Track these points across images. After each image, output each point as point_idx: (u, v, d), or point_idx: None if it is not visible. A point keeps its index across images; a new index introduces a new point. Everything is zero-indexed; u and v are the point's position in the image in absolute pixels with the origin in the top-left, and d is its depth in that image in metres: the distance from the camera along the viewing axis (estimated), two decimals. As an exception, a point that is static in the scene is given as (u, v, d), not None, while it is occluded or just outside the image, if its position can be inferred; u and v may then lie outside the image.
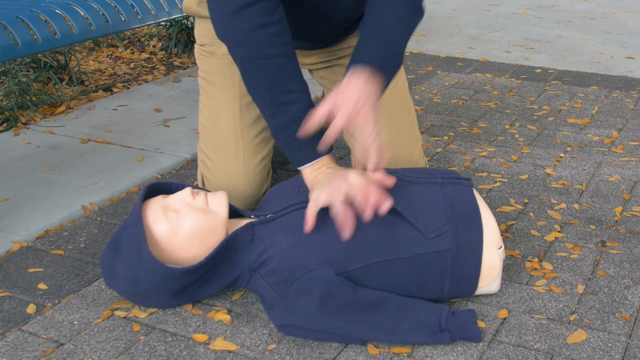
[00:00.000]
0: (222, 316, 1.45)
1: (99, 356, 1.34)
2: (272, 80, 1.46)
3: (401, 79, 1.88)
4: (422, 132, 2.44)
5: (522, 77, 3.09)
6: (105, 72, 3.23)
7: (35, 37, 1.84)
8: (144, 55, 3.51)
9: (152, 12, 2.16)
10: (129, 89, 2.98)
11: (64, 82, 2.98)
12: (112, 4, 2.06)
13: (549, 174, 2.11)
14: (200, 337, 1.39)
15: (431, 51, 3.55)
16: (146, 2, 2.15)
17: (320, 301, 1.33)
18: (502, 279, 1.57)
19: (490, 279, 1.46)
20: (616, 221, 1.83)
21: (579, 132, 2.44)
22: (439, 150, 2.29)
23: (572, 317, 1.45)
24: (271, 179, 1.87)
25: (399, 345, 1.36)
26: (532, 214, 1.86)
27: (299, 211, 1.45)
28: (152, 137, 2.41)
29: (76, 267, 1.64)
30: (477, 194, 1.52)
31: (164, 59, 3.45)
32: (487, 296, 1.51)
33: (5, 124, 2.51)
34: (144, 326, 1.43)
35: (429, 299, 1.44)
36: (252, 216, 1.51)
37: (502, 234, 1.76)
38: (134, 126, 2.51)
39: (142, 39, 3.74)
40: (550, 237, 1.75)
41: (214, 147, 1.78)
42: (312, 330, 1.34)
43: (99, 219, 1.87)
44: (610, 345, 1.36)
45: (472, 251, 1.42)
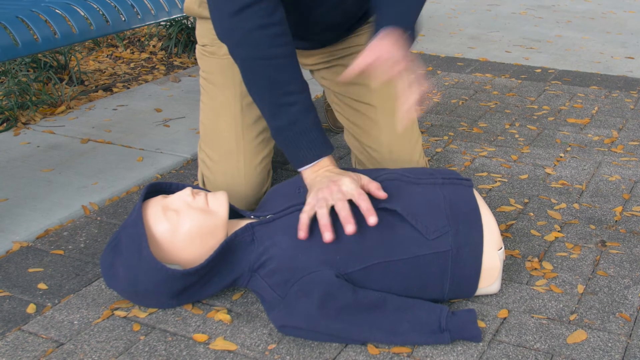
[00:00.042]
0: (222, 316, 1.45)
1: (99, 356, 1.34)
2: (273, 81, 1.46)
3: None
4: (422, 132, 2.43)
5: (522, 77, 3.09)
6: (105, 72, 3.23)
7: (35, 37, 1.84)
8: (144, 55, 3.51)
9: (152, 12, 2.16)
10: (129, 88, 2.98)
11: (64, 82, 2.98)
12: (112, 4, 2.06)
13: (549, 174, 2.11)
14: (200, 337, 1.39)
15: (431, 51, 3.55)
16: (146, 2, 2.15)
17: (320, 303, 1.33)
18: (502, 279, 1.57)
19: (490, 279, 1.46)
20: (616, 221, 1.83)
21: (579, 132, 2.44)
22: (439, 150, 2.29)
23: (572, 317, 1.45)
24: (271, 179, 1.87)
25: (399, 345, 1.36)
26: (532, 214, 1.86)
27: (298, 212, 1.45)
28: (152, 137, 2.41)
29: (76, 267, 1.64)
30: (477, 194, 1.52)
31: (164, 58, 3.45)
32: (487, 296, 1.51)
33: (5, 124, 2.51)
34: (144, 326, 1.43)
35: (429, 300, 1.44)
36: (252, 217, 1.51)
37: (502, 234, 1.76)
38: (134, 126, 2.51)
39: (142, 39, 3.74)
40: (550, 237, 1.75)
41: (214, 146, 1.78)
42: (313, 331, 1.34)
43: (99, 219, 1.87)
44: (610, 345, 1.36)
45: (473, 252, 1.42)
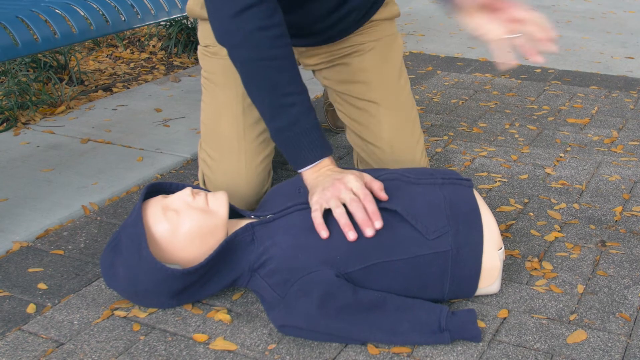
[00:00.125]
0: (222, 316, 1.45)
1: (99, 356, 1.34)
2: (273, 82, 1.46)
3: (403, 76, 1.87)
4: (422, 132, 2.43)
5: (522, 77, 3.09)
6: (105, 72, 3.23)
7: (35, 37, 1.84)
8: (144, 55, 3.51)
9: (152, 12, 2.16)
10: (128, 88, 2.98)
11: (64, 82, 2.98)
12: (112, 4, 2.06)
13: (549, 174, 2.11)
14: (200, 337, 1.39)
15: (431, 51, 3.55)
16: (146, 2, 2.15)
17: (320, 303, 1.33)
18: (502, 279, 1.57)
19: (490, 279, 1.46)
20: (616, 221, 1.83)
21: (578, 132, 2.44)
22: (439, 150, 2.29)
23: (572, 317, 1.45)
24: (271, 179, 1.87)
25: (399, 345, 1.36)
26: (532, 214, 1.86)
27: (299, 212, 1.45)
28: (152, 137, 2.41)
29: (76, 267, 1.64)
30: (477, 194, 1.52)
31: (164, 58, 3.45)
32: (487, 296, 1.51)
33: (5, 124, 2.51)
34: (144, 326, 1.43)
35: (429, 300, 1.44)
36: (252, 216, 1.51)
37: (502, 234, 1.76)
38: (134, 126, 2.51)
39: (142, 39, 3.74)
40: (550, 237, 1.75)
41: (215, 146, 1.78)
42: (313, 331, 1.34)
43: (99, 218, 1.87)
44: (610, 345, 1.36)
45: (473, 252, 1.42)
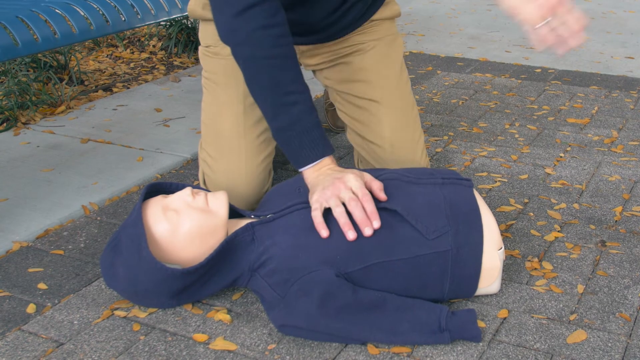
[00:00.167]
0: (222, 316, 1.45)
1: (99, 356, 1.34)
2: (275, 80, 1.46)
3: (404, 75, 1.88)
4: (423, 132, 2.43)
5: (522, 77, 3.09)
6: (105, 72, 3.23)
7: (35, 37, 1.84)
8: (144, 55, 3.51)
9: (152, 12, 2.16)
10: (128, 88, 2.98)
11: (64, 82, 2.98)
12: (112, 4, 2.06)
13: (549, 174, 2.11)
14: (200, 337, 1.39)
15: (431, 51, 3.55)
16: (146, 2, 2.15)
17: (320, 302, 1.33)
18: (502, 279, 1.57)
19: (490, 279, 1.46)
20: (616, 221, 1.83)
21: (578, 132, 2.44)
22: (439, 150, 2.29)
23: (572, 317, 1.45)
24: (272, 179, 1.87)
25: (399, 345, 1.36)
26: (532, 214, 1.86)
27: (299, 211, 1.45)
28: (152, 137, 2.41)
29: (76, 267, 1.64)
30: (477, 194, 1.52)
31: (164, 58, 3.45)
32: (487, 296, 1.51)
33: (5, 124, 2.51)
34: (144, 326, 1.43)
35: (429, 300, 1.44)
36: (252, 216, 1.51)
37: (502, 234, 1.76)
38: (134, 126, 2.51)
39: (142, 39, 3.74)
40: (550, 237, 1.75)
41: (216, 145, 1.78)
42: (313, 330, 1.34)
43: (99, 218, 1.87)
44: (610, 345, 1.36)
45: (473, 252, 1.42)
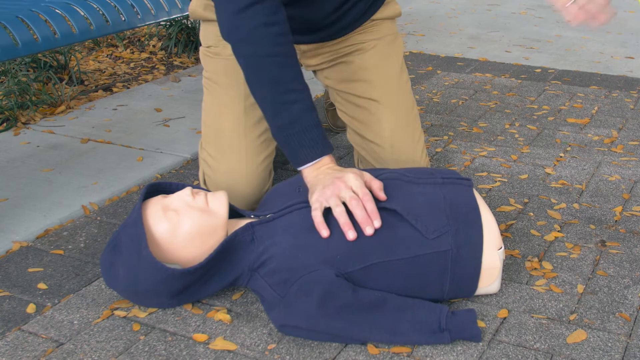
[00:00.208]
0: (222, 316, 1.45)
1: (99, 356, 1.34)
2: (275, 78, 1.47)
3: (404, 75, 1.88)
4: (423, 132, 2.43)
5: (522, 76, 3.09)
6: (105, 71, 3.23)
7: (35, 37, 1.84)
8: (144, 55, 3.51)
9: (152, 12, 2.16)
10: (129, 88, 2.98)
11: (64, 82, 2.98)
12: (112, 4, 2.06)
13: (549, 174, 2.11)
14: (200, 337, 1.39)
15: (431, 51, 3.55)
16: (146, 2, 2.15)
17: (320, 302, 1.33)
18: (502, 279, 1.57)
19: (490, 279, 1.46)
20: (616, 221, 1.83)
21: (578, 131, 2.44)
22: (439, 150, 2.29)
23: (572, 317, 1.45)
24: (272, 179, 1.87)
25: (399, 345, 1.36)
26: (532, 214, 1.86)
27: (298, 211, 1.45)
28: (152, 136, 2.41)
29: (76, 267, 1.64)
30: (477, 194, 1.52)
31: (164, 58, 3.45)
32: (487, 296, 1.51)
33: (5, 124, 2.51)
34: (144, 326, 1.43)
35: (429, 300, 1.44)
36: (252, 216, 1.51)
37: (502, 234, 1.76)
38: (134, 126, 2.51)
39: (142, 39, 3.74)
40: (550, 237, 1.75)
41: (216, 145, 1.78)
42: (313, 330, 1.34)
43: (99, 218, 1.87)
44: (610, 345, 1.36)
45: (472, 252, 1.42)
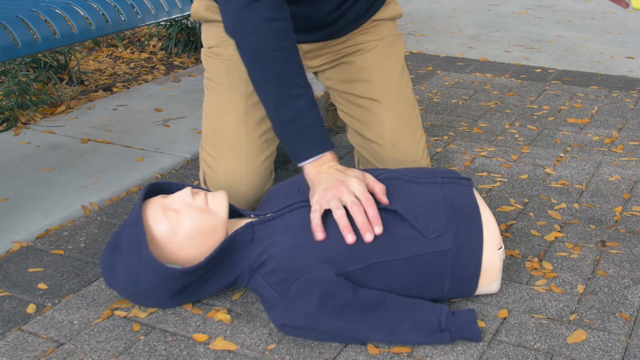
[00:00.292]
0: (222, 316, 1.45)
1: (99, 356, 1.34)
2: (280, 72, 1.48)
3: (405, 75, 1.88)
4: (424, 132, 2.43)
5: (522, 76, 3.09)
6: (105, 72, 3.23)
7: (35, 37, 1.84)
8: (144, 55, 3.51)
9: (152, 12, 2.16)
10: (129, 88, 2.98)
11: (64, 82, 2.98)
12: (112, 4, 2.06)
13: (549, 174, 2.11)
14: (200, 337, 1.39)
15: (431, 51, 3.55)
16: (146, 2, 2.15)
17: (320, 301, 1.33)
18: (502, 279, 1.57)
19: (490, 279, 1.46)
20: (616, 221, 1.83)
21: (579, 131, 2.44)
22: (439, 150, 2.29)
23: (572, 317, 1.45)
24: (273, 179, 1.87)
25: (399, 345, 1.36)
26: (532, 214, 1.86)
27: (298, 210, 1.45)
28: (152, 136, 2.41)
29: (76, 267, 1.64)
30: (477, 193, 1.52)
31: (164, 58, 3.45)
32: (487, 296, 1.51)
33: (5, 124, 2.51)
34: (144, 326, 1.43)
35: (429, 299, 1.44)
36: (252, 216, 1.51)
37: (502, 234, 1.76)
38: (134, 126, 2.51)
39: (142, 39, 3.74)
40: (550, 237, 1.75)
41: (217, 145, 1.78)
42: (313, 330, 1.34)
43: (99, 218, 1.87)
44: (610, 345, 1.36)
45: (472, 252, 1.42)
